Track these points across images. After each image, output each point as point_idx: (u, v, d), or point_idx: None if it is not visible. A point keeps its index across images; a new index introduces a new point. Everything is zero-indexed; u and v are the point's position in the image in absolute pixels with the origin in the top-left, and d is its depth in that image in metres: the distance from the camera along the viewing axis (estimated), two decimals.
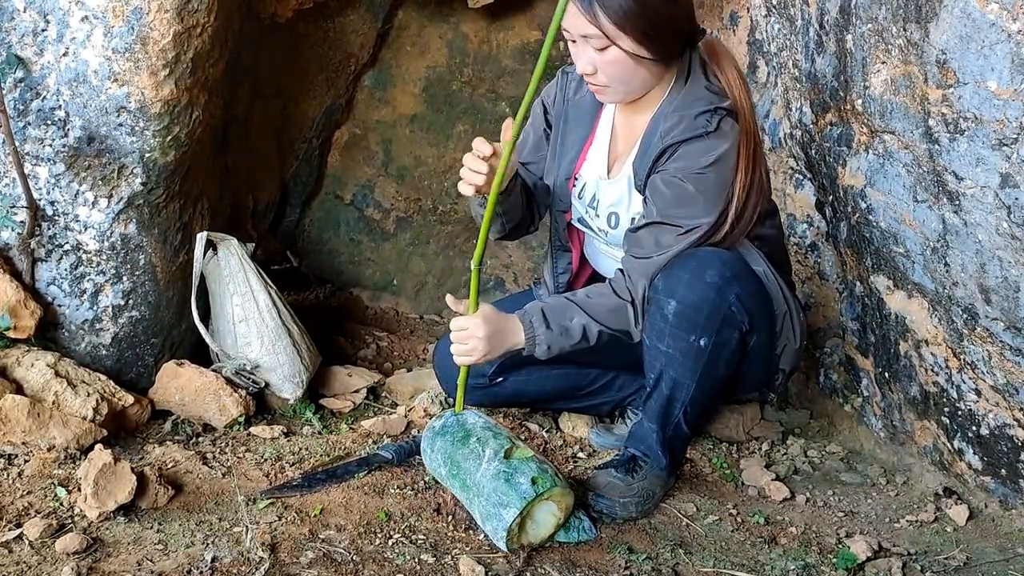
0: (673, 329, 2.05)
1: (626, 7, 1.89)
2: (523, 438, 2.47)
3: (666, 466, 2.21)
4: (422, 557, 1.84)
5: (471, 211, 2.33)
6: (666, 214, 2.02)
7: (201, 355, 2.58)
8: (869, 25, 2.11)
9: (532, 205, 2.33)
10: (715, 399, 2.32)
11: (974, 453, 2.24)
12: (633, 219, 2.15)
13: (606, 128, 2.22)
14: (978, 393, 2.17)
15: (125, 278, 2.37)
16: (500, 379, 2.46)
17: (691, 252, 2.07)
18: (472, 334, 2.05)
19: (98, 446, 1.95)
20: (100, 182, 2.28)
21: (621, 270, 2.13)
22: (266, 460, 2.20)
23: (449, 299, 2.14)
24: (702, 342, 2.05)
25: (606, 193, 2.20)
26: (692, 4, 2.03)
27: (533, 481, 1.87)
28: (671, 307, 2.05)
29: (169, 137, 2.28)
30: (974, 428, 2.21)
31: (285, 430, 2.39)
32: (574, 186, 2.26)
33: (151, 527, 1.85)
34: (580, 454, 2.45)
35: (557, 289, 2.40)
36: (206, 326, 2.54)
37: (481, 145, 1.99)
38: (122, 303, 2.38)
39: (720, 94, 2.03)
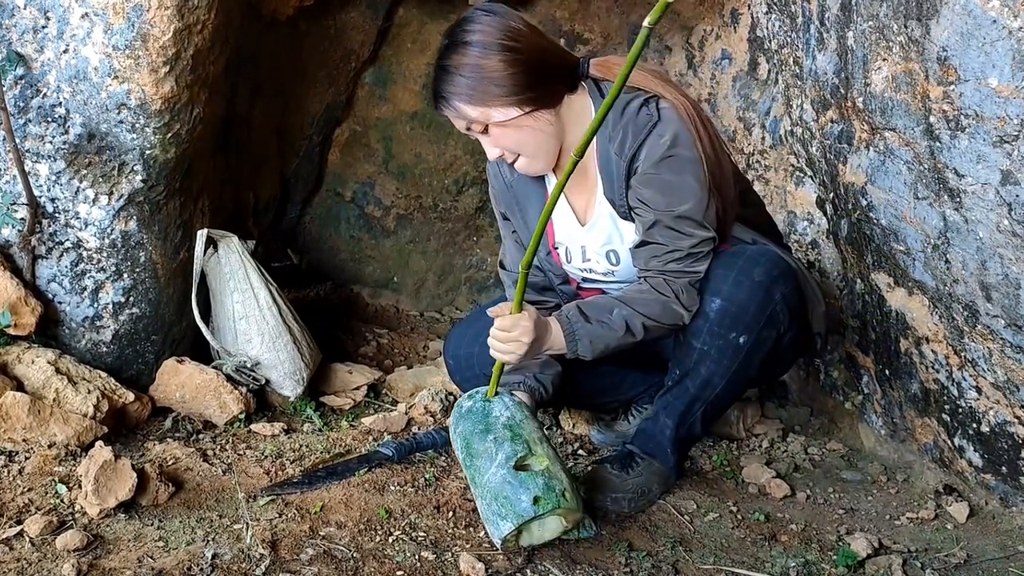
0: (714, 327, 2.06)
1: (470, 85, 1.92)
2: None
3: (673, 465, 2.21)
4: (422, 554, 1.84)
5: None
6: (660, 210, 1.99)
7: (202, 352, 2.58)
8: (870, 22, 2.11)
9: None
10: (734, 401, 2.32)
11: (974, 450, 2.24)
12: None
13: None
14: (979, 391, 2.17)
15: (126, 275, 2.37)
16: None
17: (735, 251, 2.09)
18: (518, 336, 1.94)
19: (99, 443, 1.96)
20: (100, 179, 2.28)
21: (647, 274, 2.06)
22: (266, 457, 2.20)
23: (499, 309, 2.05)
24: (742, 339, 2.05)
25: (590, 240, 2.15)
26: (541, 41, 2.00)
27: (535, 500, 1.79)
28: (715, 305, 2.05)
29: (169, 134, 2.28)
30: (974, 425, 2.21)
31: (285, 427, 2.39)
32: (558, 256, 2.22)
33: (152, 524, 1.85)
34: (580, 451, 2.45)
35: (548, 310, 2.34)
36: (206, 323, 2.54)
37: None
38: (123, 300, 2.38)
39: (630, 90, 2.00)
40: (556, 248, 2.22)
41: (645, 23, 1.51)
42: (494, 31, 1.91)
